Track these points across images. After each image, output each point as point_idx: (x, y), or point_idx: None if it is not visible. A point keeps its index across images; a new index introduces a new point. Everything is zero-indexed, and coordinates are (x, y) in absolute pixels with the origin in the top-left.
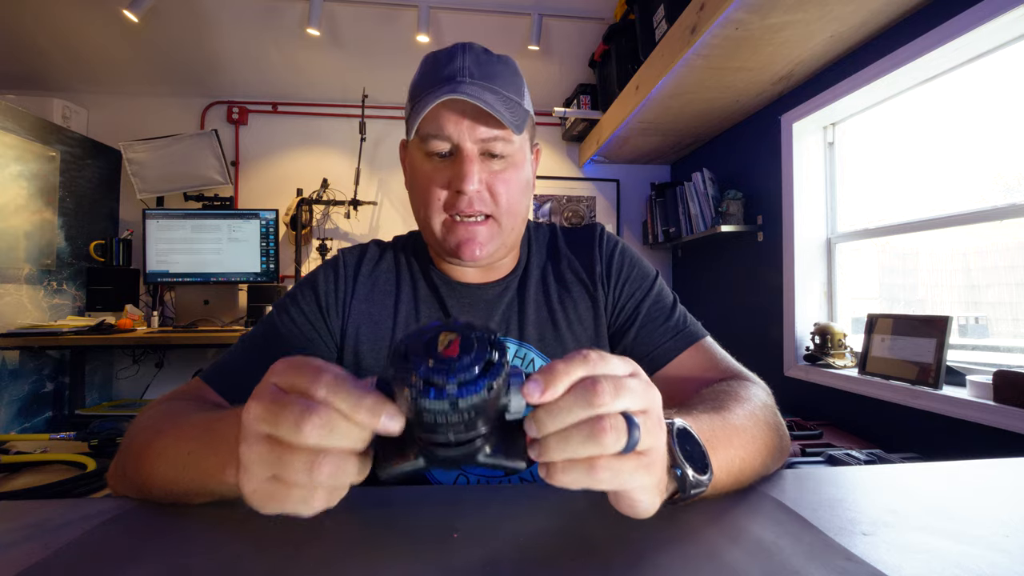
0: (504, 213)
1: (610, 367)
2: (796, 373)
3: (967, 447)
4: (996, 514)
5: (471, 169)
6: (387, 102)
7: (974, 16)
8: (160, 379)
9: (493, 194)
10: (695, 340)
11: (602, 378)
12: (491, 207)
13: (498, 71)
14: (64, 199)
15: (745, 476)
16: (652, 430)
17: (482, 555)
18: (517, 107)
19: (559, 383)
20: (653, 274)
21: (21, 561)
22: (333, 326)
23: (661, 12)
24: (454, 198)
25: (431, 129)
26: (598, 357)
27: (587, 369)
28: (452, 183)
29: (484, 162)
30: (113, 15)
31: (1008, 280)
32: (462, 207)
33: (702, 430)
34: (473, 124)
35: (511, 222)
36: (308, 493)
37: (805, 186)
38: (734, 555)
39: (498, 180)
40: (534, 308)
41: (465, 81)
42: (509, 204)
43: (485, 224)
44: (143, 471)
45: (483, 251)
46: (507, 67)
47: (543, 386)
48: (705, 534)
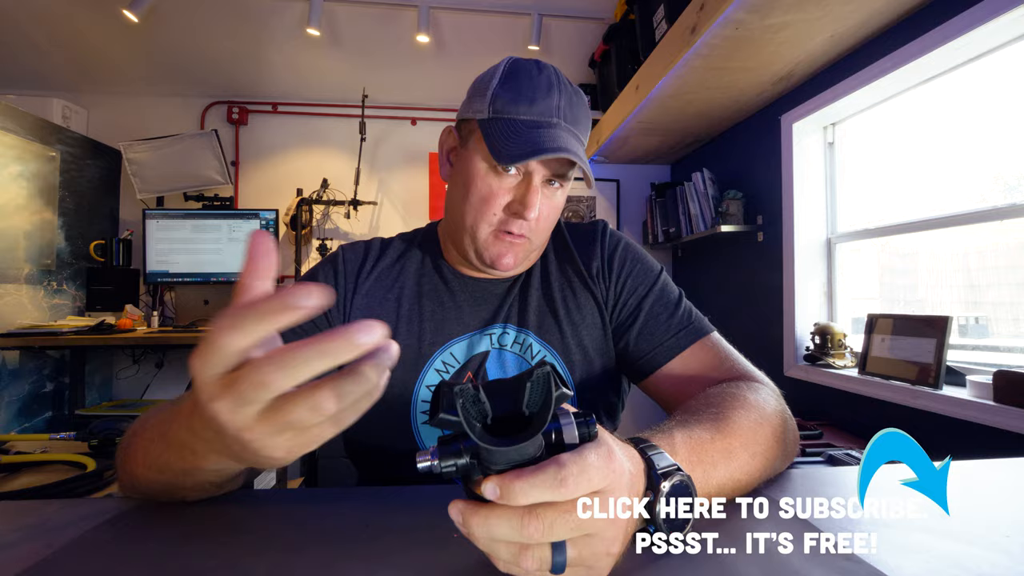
0: (542, 233)
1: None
2: (796, 373)
3: (967, 447)
4: (996, 514)
5: (536, 199)
6: (387, 102)
7: (974, 16)
8: (160, 379)
9: (540, 219)
10: (700, 336)
11: (567, 461)
12: (534, 230)
13: (581, 116)
14: (64, 199)
15: (743, 485)
16: (589, 558)
17: (482, 555)
18: (583, 150)
19: (517, 498)
20: (657, 269)
21: (21, 561)
22: (334, 323)
23: (661, 12)
24: (510, 219)
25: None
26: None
27: (551, 494)
28: (512, 206)
29: (545, 188)
30: (113, 15)
31: (1008, 280)
32: (514, 229)
33: (697, 447)
34: (550, 161)
35: (542, 239)
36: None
37: (805, 186)
38: (734, 555)
39: (549, 206)
40: (536, 297)
41: (560, 124)
42: (545, 227)
43: (523, 240)
44: (131, 474)
45: (516, 262)
46: (585, 108)
47: (499, 493)
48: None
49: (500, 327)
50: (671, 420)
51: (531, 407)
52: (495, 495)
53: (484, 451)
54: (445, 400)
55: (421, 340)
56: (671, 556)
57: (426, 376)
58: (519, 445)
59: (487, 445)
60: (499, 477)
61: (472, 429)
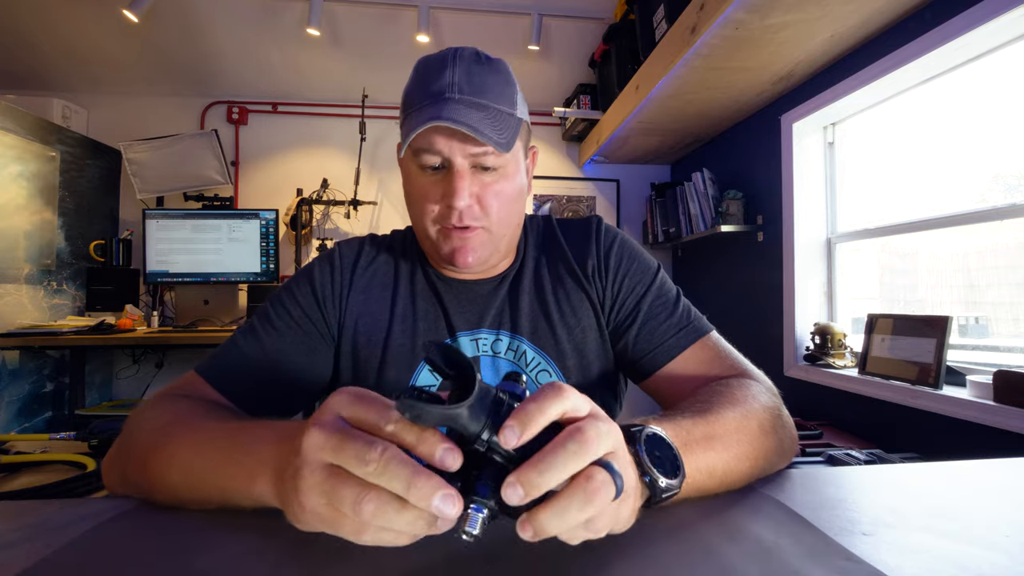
0: (495, 223)
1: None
2: (796, 373)
3: (967, 447)
4: (996, 514)
5: (461, 186)
6: (387, 102)
7: (974, 16)
8: (160, 379)
9: (484, 206)
10: (699, 336)
11: (587, 427)
12: (482, 219)
13: (489, 83)
14: (64, 199)
15: (731, 479)
16: (625, 469)
17: (482, 554)
18: (507, 119)
19: (533, 426)
20: (655, 267)
21: (21, 561)
22: (330, 318)
23: (661, 12)
24: (446, 211)
25: (422, 144)
26: (572, 394)
27: (560, 407)
28: (444, 198)
29: (475, 175)
30: (113, 15)
31: (1008, 280)
32: (453, 220)
33: (679, 434)
34: (464, 142)
35: (503, 230)
36: (358, 526)
37: (805, 186)
38: (734, 555)
39: (489, 193)
40: (527, 301)
41: (454, 98)
42: (500, 215)
43: (475, 232)
44: (150, 475)
45: (475, 258)
46: (499, 75)
47: (519, 432)
48: (705, 534)
49: (492, 334)
50: (647, 417)
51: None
52: (515, 434)
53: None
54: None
55: (415, 339)
56: (671, 556)
57: (420, 375)
58: (451, 406)
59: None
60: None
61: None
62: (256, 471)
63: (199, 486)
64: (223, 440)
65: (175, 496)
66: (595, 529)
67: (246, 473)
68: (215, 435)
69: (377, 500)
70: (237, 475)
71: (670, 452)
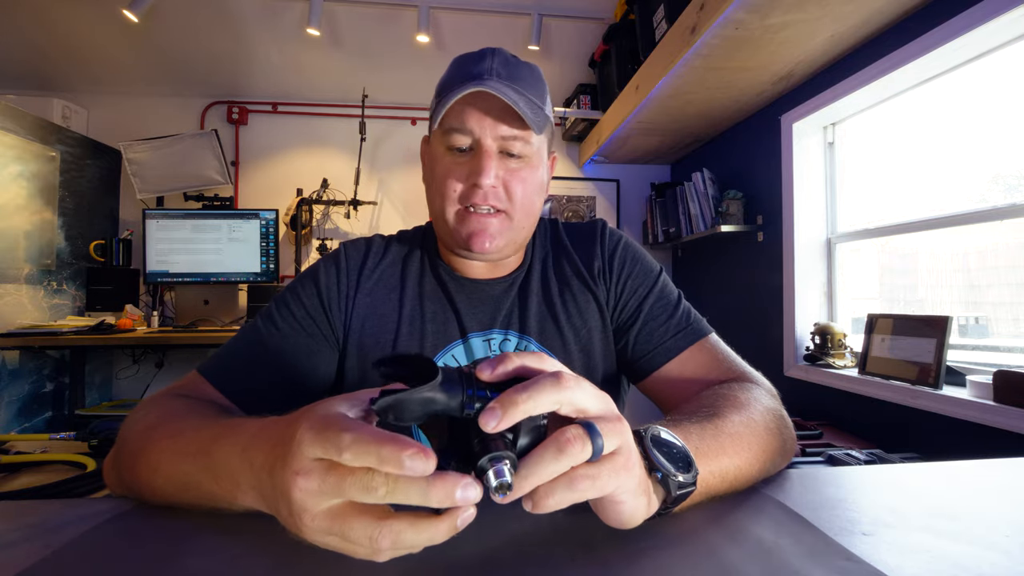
0: (518, 209)
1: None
2: (796, 373)
3: (967, 447)
4: (996, 514)
5: (489, 164)
6: (387, 102)
7: (974, 16)
8: (160, 379)
9: (508, 191)
10: (698, 338)
11: (571, 376)
12: (505, 203)
13: (524, 75)
14: (64, 199)
15: (740, 482)
16: (613, 431)
17: (482, 555)
18: (539, 110)
19: (516, 412)
20: (657, 270)
21: (21, 561)
22: (335, 320)
23: (661, 12)
24: (470, 191)
25: (454, 123)
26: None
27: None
28: (470, 176)
29: (502, 159)
30: (113, 15)
31: (1008, 280)
32: (477, 200)
33: (689, 438)
34: (496, 122)
35: (523, 220)
36: (375, 554)
37: (805, 186)
38: (734, 555)
39: (514, 178)
40: (535, 302)
41: (492, 79)
42: (523, 202)
43: (497, 217)
44: (139, 479)
45: (493, 244)
46: (532, 72)
47: (500, 415)
48: (705, 534)
49: (501, 334)
50: (662, 420)
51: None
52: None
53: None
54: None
55: (423, 342)
56: (671, 556)
57: None
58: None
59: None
60: (495, 401)
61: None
62: (235, 493)
63: (185, 495)
64: (199, 451)
65: (166, 499)
66: (577, 488)
67: (225, 492)
68: (192, 443)
69: (391, 534)
70: (217, 493)
71: (678, 449)
